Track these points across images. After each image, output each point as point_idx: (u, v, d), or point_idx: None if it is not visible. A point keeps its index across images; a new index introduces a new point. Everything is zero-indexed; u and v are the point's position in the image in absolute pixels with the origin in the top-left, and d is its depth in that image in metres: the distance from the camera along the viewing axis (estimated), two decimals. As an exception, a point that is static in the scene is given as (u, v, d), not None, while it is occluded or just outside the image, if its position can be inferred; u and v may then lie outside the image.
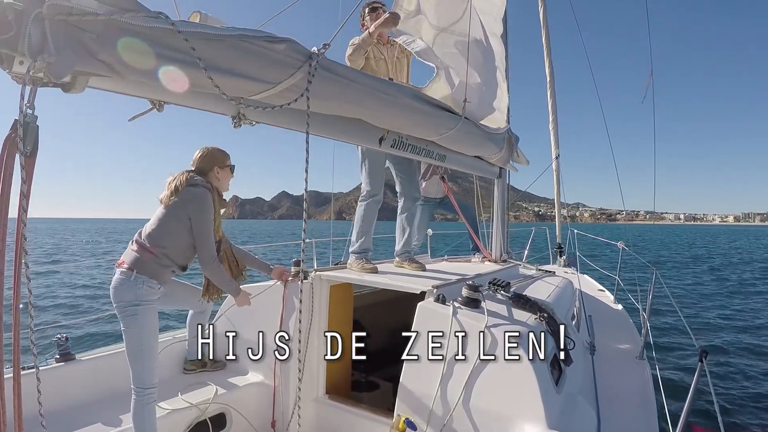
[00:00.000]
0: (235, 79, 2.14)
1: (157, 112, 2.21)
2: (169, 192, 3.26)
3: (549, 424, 2.55)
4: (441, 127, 3.60)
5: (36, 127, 1.58)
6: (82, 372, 3.66)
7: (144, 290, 3.08)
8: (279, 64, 2.29)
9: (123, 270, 3.11)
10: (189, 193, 3.26)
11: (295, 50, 2.35)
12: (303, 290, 3.88)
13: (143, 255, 3.15)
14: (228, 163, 3.56)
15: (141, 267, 3.11)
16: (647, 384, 3.87)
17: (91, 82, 1.86)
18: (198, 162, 3.47)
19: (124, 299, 3.05)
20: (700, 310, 15.89)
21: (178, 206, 3.23)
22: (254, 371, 4.00)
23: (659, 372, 4.52)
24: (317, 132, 2.96)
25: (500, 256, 5.68)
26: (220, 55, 2.05)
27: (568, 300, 4.54)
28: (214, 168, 3.48)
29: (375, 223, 4.47)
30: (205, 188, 3.34)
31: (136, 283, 3.06)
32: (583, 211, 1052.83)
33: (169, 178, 3.33)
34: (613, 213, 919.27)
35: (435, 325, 2.94)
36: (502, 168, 5.57)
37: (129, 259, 3.14)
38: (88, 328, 10.63)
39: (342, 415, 3.73)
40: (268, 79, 2.27)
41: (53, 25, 1.59)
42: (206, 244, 3.31)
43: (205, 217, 3.28)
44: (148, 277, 3.11)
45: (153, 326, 3.13)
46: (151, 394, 3.07)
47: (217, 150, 3.54)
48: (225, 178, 3.56)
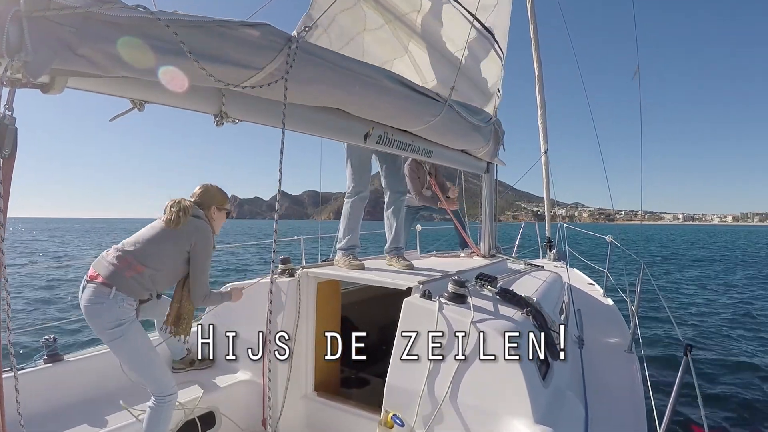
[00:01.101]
0: (217, 66, 2.11)
1: (138, 111, 2.20)
2: (172, 216, 3.15)
3: (536, 419, 2.56)
4: (426, 114, 3.57)
5: (15, 129, 1.57)
6: (71, 373, 3.64)
7: (125, 308, 2.92)
8: (258, 48, 2.27)
9: (97, 285, 2.90)
10: (194, 225, 3.21)
11: (273, 34, 2.33)
12: (290, 287, 3.88)
13: (125, 271, 2.97)
14: (226, 206, 3.53)
15: (120, 283, 2.92)
16: (636, 377, 3.89)
17: (70, 83, 1.84)
18: (198, 196, 3.43)
19: (104, 320, 2.87)
20: (687, 303, 16.05)
21: (180, 235, 3.15)
22: (243, 369, 4.00)
23: (647, 365, 4.55)
24: (301, 129, 2.95)
25: (489, 251, 5.70)
26: (200, 41, 2.03)
27: (556, 294, 4.56)
28: (212, 207, 3.44)
29: (361, 219, 4.48)
30: (207, 224, 3.31)
31: (116, 302, 2.89)
32: (581, 211, 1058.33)
33: (170, 202, 3.24)
34: (611, 213, 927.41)
35: (421, 320, 2.95)
36: (490, 163, 5.57)
37: (105, 273, 2.94)
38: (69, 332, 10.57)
39: (331, 411, 3.74)
40: (250, 64, 2.24)
41: (31, 22, 1.57)
42: (203, 279, 3.26)
43: (207, 252, 3.24)
44: (126, 294, 2.93)
45: (143, 337, 3.03)
46: (171, 400, 3.02)
47: (217, 190, 3.50)
48: (219, 219, 3.51)
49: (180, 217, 3.15)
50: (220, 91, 2.38)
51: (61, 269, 21.02)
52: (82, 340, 9.49)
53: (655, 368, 8.17)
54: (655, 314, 12.62)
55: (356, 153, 4.37)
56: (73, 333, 10.22)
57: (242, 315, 4.00)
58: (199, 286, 3.24)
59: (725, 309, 15.22)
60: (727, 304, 16.08)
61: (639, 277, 5.12)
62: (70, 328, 10.25)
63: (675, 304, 15.71)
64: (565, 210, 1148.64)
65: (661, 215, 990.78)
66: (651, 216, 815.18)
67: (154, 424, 2.98)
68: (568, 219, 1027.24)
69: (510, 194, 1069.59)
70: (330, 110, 3.00)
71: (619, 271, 7.63)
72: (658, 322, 12.00)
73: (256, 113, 2.60)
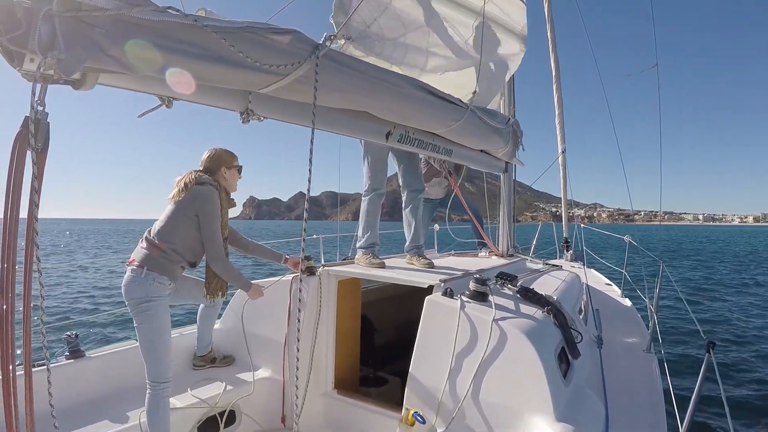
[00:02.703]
0: (244, 71, 2.15)
1: (166, 108, 2.22)
2: (177, 190, 3.34)
3: (557, 417, 2.55)
4: (448, 119, 3.60)
5: (47, 123, 1.59)
6: (92, 369, 3.68)
7: (155, 286, 3.13)
8: (286, 54, 2.30)
9: (133, 268, 3.16)
10: (196, 191, 3.33)
11: (300, 41, 2.36)
12: (311, 285, 3.90)
13: (152, 251, 3.21)
14: (235, 163, 3.64)
15: (151, 264, 3.17)
16: (655, 376, 3.86)
17: (101, 79, 1.87)
18: (206, 162, 3.56)
19: (135, 296, 3.09)
20: (709, 302, 15.87)
21: (186, 203, 3.30)
22: (263, 367, 4.01)
23: (667, 365, 4.51)
24: (325, 127, 2.97)
25: (507, 250, 5.69)
26: (229, 47, 2.06)
27: (575, 294, 4.54)
28: (221, 168, 3.56)
29: (379, 216, 4.48)
30: (212, 186, 3.41)
31: (147, 280, 3.12)
32: (600, 212, 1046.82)
33: (178, 177, 3.42)
34: (631, 213, 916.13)
35: (443, 318, 2.95)
36: (508, 163, 5.56)
37: (139, 257, 3.19)
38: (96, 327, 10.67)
39: (351, 409, 3.75)
40: (277, 70, 2.27)
41: (63, 21, 1.60)
42: (214, 241, 3.37)
43: (212, 214, 3.35)
44: (158, 273, 3.16)
45: (165, 321, 3.17)
46: (166, 388, 3.10)
47: (224, 151, 3.62)
48: (232, 178, 3.64)
49: (182, 190, 3.32)
50: (246, 90, 2.40)
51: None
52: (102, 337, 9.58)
53: (675, 368, 8.10)
54: (675, 314, 12.51)
55: (372, 151, 4.39)
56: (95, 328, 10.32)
57: (263, 313, 4.03)
58: (211, 247, 3.38)
59: (751, 308, 15.05)
60: (753, 304, 15.90)
61: (658, 276, 5.07)
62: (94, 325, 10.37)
63: (695, 303, 15.55)
64: (584, 210, 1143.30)
65: (681, 216, 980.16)
66: (671, 216, 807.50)
67: (153, 413, 3.06)
68: (587, 219, 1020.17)
69: (529, 195, 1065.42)
70: (353, 111, 3.02)
71: (637, 272, 7.58)
72: (678, 322, 11.89)
73: (282, 112, 2.62)
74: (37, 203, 1.57)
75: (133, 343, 3.93)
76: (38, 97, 1.58)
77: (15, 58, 1.59)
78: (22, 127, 1.57)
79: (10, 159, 1.55)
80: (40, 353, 1.67)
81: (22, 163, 1.55)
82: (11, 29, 1.52)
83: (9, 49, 1.57)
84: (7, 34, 1.52)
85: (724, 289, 20.01)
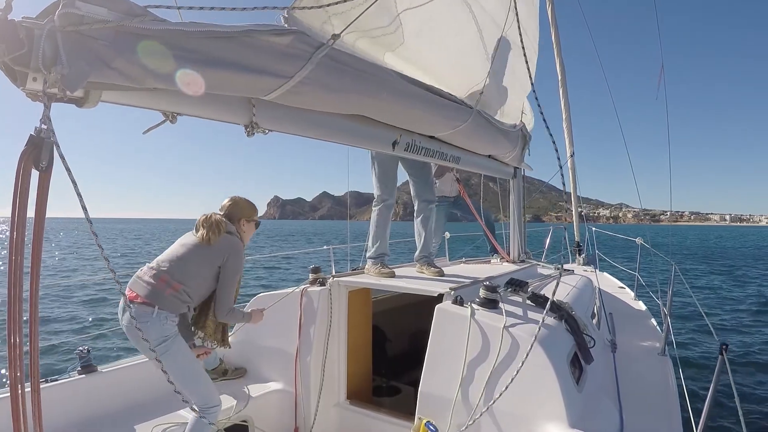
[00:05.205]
0: (248, 76, 2.14)
1: (170, 123, 2.23)
2: (205, 232, 3.21)
3: (570, 423, 2.54)
4: (454, 120, 3.58)
5: (51, 142, 1.59)
6: (104, 384, 3.68)
7: (168, 325, 3.00)
8: (288, 56, 2.28)
9: (139, 305, 2.99)
10: (229, 242, 3.26)
11: (302, 41, 2.33)
12: (321, 296, 3.90)
13: (164, 290, 3.05)
14: (255, 217, 3.58)
15: (162, 302, 3.01)
16: (670, 381, 3.82)
17: (105, 96, 1.87)
18: (228, 209, 3.48)
19: (150, 338, 2.89)
20: (722, 305, 15.72)
21: (214, 251, 3.21)
22: (275, 379, 4.00)
23: (682, 368, 4.46)
24: (331, 138, 2.96)
25: (518, 256, 5.66)
26: (231, 52, 2.06)
27: (587, 298, 4.51)
28: (241, 219, 3.48)
29: (389, 226, 4.47)
30: (238, 239, 3.36)
31: (159, 320, 2.97)
32: (626, 212, 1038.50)
33: (201, 218, 3.30)
34: (656, 214, 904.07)
35: (453, 326, 2.94)
36: (517, 168, 5.54)
37: (145, 293, 3.03)
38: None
39: (364, 420, 3.73)
40: (280, 72, 2.26)
41: (65, 37, 1.60)
42: (229, 294, 3.30)
43: (237, 269, 3.30)
44: (169, 312, 3.02)
45: (187, 351, 3.09)
46: (215, 412, 3.04)
47: (246, 202, 3.55)
48: (249, 231, 3.56)
49: (213, 234, 3.20)
50: (250, 102, 2.40)
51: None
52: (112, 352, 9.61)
53: (690, 371, 8.03)
54: (689, 316, 12.40)
55: (380, 161, 4.39)
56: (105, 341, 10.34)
57: (275, 324, 4.02)
58: (224, 300, 3.28)
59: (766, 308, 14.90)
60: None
61: (671, 278, 5.03)
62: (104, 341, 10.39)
63: (710, 305, 15.40)
64: (609, 211, 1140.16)
65: (708, 216, 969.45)
66: (697, 216, 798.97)
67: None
68: (612, 220, 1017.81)
69: (553, 194, 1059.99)
70: (359, 118, 3.01)
71: (650, 274, 7.51)
72: (692, 324, 11.79)
73: (287, 123, 2.62)
74: (41, 223, 1.57)
75: (144, 358, 3.94)
76: (42, 116, 1.59)
77: (18, 77, 1.60)
78: (26, 145, 1.58)
79: (15, 178, 1.56)
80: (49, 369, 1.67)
81: (27, 182, 1.56)
82: (13, 49, 1.53)
83: (12, 69, 1.58)
84: (10, 54, 1.53)
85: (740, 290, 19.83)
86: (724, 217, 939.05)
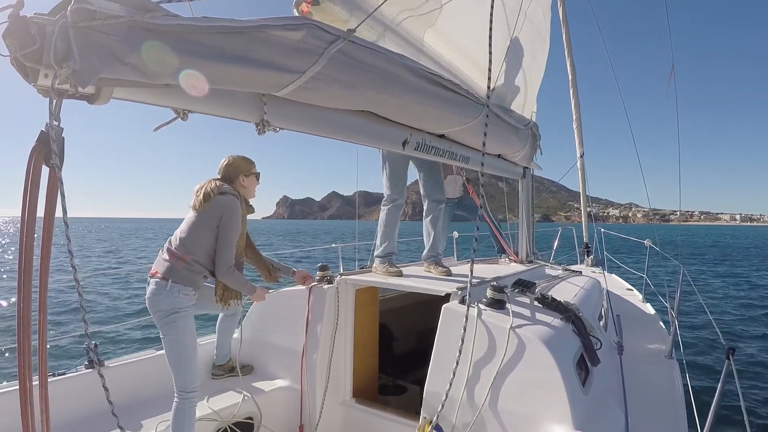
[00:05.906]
0: (260, 71, 2.13)
1: (182, 121, 2.23)
2: (198, 199, 3.31)
3: (576, 425, 2.53)
4: (464, 116, 3.56)
5: (62, 139, 1.60)
6: (111, 378, 3.69)
7: (180, 298, 3.15)
8: (300, 51, 2.27)
9: (157, 280, 3.17)
10: (219, 202, 3.30)
11: (315, 36, 2.32)
12: (328, 294, 3.90)
13: (176, 264, 3.20)
14: (253, 170, 3.61)
15: (175, 276, 3.17)
16: (676, 383, 3.80)
17: (116, 93, 1.87)
18: (223, 171, 3.54)
19: (161, 309, 3.12)
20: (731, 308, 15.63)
21: (208, 214, 3.28)
22: (281, 376, 4.01)
23: (689, 371, 4.44)
24: (340, 136, 2.96)
25: (526, 256, 5.65)
26: (243, 47, 2.05)
27: (594, 300, 4.49)
28: (239, 176, 3.53)
29: (398, 226, 4.47)
30: (234, 196, 3.39)
31: (172, 292, 3.13)
32: (636, 212, 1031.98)
33: (197, 187, 3.39)
34: (666, 213, 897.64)
35: (460, 326, 2.93)
36: (526, 168, 5.53)
37: (162, 269, 3.20)
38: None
39: (369, 418, 3.73)
40: (293, 68, 2.25)
41: (77, 32, 1.60)
42: (227, 252, 3.34)
43: (233, 226, 3.34)
44: (183, 285, 3.17)
45: (191, 332, 3.21)
46: (193, 397, 3.13)
47: (241, 158, 3.59)
48: (251, 185, 3.61)
49: (204, 199, 3.29)
50: (261, 100, 2.39)
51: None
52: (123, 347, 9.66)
53: (697, 374, 7.99)
54: (697, 319, 12.34)
55: (390, 161, 4.39)
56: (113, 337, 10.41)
57: (281, 322, 4.03)
58: (223, 257, 3.34)
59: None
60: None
61: (678, 281, 5.00)
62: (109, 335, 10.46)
63: (718, 308, 15.32)
64: (619, 210, 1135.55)
65: (718, 215, 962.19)
66: (707, 216, 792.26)
67: (179, 422, 3.09)
68: (622, 219, 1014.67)
69: (563, 194, 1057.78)
70: (370, 116, 3.00)
71: (659, 276, 7.48)
72: (700, 327, 11.73)
73: (298, 121, 2.61)
74: (51, 219, 1.58)
75: (151, 353, 3.95)
76: (53, 112, 1.60)
77: (30, 73, 1.60)
78: (37, 142, 1.58)
79: (26, 174, 1.56)
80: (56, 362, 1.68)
81: (37, 178, 1.57)
82: (25, 45, 1.53)
83: (23, 65, 1.58)
84: (22, 51, 1.53)
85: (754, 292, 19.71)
86: (734, 217, 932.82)
